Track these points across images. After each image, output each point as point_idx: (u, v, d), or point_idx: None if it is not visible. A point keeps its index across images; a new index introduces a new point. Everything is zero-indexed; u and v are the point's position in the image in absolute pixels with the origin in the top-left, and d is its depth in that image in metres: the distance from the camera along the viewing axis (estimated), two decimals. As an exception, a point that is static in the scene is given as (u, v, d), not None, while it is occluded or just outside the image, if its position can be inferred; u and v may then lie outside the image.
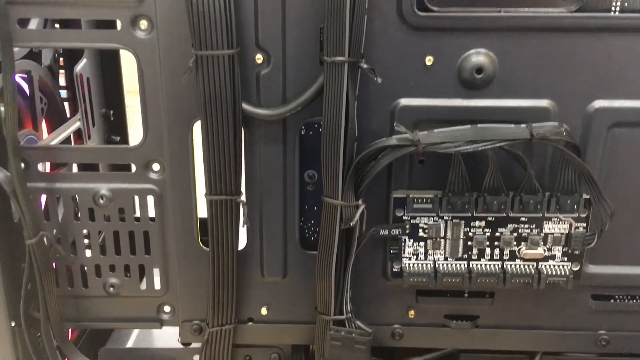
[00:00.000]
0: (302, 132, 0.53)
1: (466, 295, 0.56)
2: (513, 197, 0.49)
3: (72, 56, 0.73)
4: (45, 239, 0.52)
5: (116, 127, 0.77)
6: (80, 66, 0.71)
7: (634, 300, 0.55)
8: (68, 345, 0.57)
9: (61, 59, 0.76)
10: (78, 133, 0.72)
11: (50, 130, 0.69)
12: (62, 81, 0.74)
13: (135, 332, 0.67)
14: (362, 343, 0.52)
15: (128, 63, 0.68)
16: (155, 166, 0.53)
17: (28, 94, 0.66)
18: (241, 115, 0.48)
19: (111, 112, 0.77)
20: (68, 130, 0.68)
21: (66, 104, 0.76)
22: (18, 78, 0.63)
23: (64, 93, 0.77)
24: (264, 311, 0.57)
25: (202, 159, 0.50)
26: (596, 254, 0.53)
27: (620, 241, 0.53)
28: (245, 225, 0.52)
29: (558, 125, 0.47)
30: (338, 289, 0.52)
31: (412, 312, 0.56)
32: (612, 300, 0.55)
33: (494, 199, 0.49)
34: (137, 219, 0.54)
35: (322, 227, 0.50)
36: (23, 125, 0.63)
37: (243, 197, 0.51)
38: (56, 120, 0.72)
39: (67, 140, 0.68)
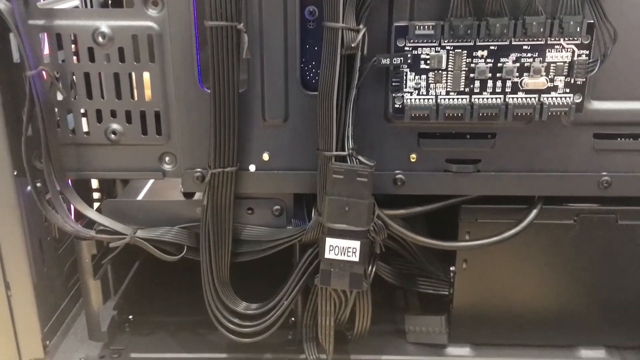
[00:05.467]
0: (302, -37, 0.52)
1: (468, 136, 0.56)
2: (516, 21, 0.49)
3: None
4: (45, 75, 0.52)
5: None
6: None
7: (638, 140, 0.55)
8: (71, 194, 0.57)
9: None
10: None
11: None
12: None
13: (145, 189, 0.67)
14: (364, 175, 0.52)
15: None
16: (154, 2, 0.52)
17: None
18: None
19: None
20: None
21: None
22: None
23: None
24: (265, 157, 0.57)
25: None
26: (599, 89, 0.53)
27: (623, 75, 0.53)
28: (247, 59, 0.52)
29: None
30: (340, 123, 0.52)
31: (413, 156, 0.56)
32: (614, 140, 0.55)
33: (497, 22, 0.49)
34: (137, 60, 0.54)
35: (323, 54, 0.50)
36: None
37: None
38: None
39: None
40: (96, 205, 0.77)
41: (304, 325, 0.63)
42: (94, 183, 0.82)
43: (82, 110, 0.56)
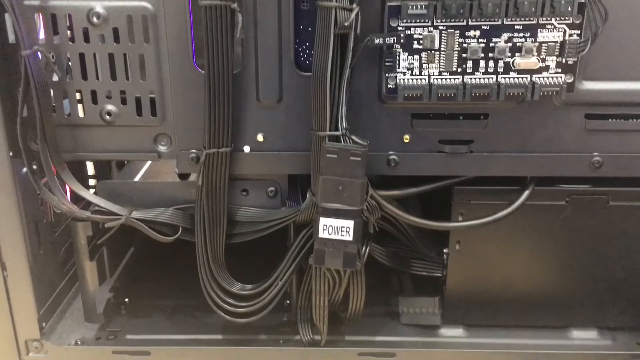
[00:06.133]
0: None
1: (461, 117, 0.56)
2: (507, 0, 0.49)
3: None
4: (40, 55, 0.52)
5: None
6: None
7: (629, 120, 0.55)
8: (67, 174, 0.58)
9: None
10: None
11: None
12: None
13: (141, 173, 0.68)
14: (357, 155, 0.52)
15: None
16: (149, -18, 0.53)
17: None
18: None
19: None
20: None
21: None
22: None
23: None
24: (260, 138, 0.57)
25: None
26: (591, 70, 0.54)
27: (614, 55, 0.53)
28: (241, 39, 0.52)
29: None
30: (333, 103, 0.52)
31: (407, 137, 0.57)
32: (606, 120, 0.56)
33: (489, 1, 0.49)
34: (132, 41, 0.54)
35: (317, 33, 0.50)
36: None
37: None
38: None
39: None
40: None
41: (299, 306, 0.63)
42: (90, 169, 0.82)
43: (78, 97, 0.56)
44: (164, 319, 0.68)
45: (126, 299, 0.70)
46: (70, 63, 0.55)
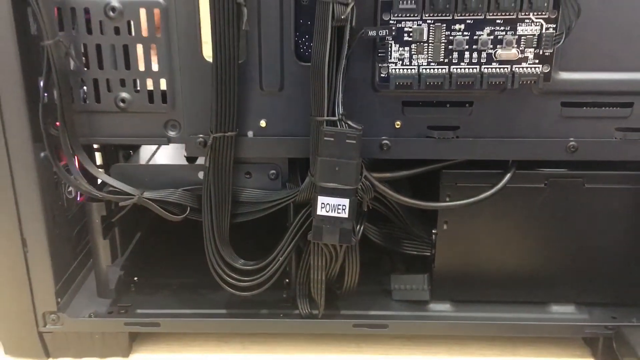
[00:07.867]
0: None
1: (448, 105, 0.61)
2: (490, -6, 0.54)
3: None
4: (61, 45, 0.57)
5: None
6: None
7: (601, 108, 0.60)
8: (84, 157, 0.62)
9: None
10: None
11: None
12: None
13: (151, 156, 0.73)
14: (352, 138, 0.57)
15: None
16: (161, -21, 0.57)
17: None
18: None
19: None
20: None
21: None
22: None
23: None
24: (262, 123, 0.62)
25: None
26: (566, 61, 0.58)
27: (588, 48, 0.58)
28: (246, 32, 0.57)
29: None
30: (330, 90, 0.57)
31: (398, 123, 0.62)
32: (580, 108, 0.61)
33: (473, -4, 0.54)
34: (145, 33, 0.59)
35: (315, 26, 0.55)
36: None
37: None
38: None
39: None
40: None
41: (298, 283, 0.68)
42: (98, 160, 0.86)
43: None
44: (172, 296, 0.72)
45: (135, 278, 0.75)
46: (87, 53, 0.60)
